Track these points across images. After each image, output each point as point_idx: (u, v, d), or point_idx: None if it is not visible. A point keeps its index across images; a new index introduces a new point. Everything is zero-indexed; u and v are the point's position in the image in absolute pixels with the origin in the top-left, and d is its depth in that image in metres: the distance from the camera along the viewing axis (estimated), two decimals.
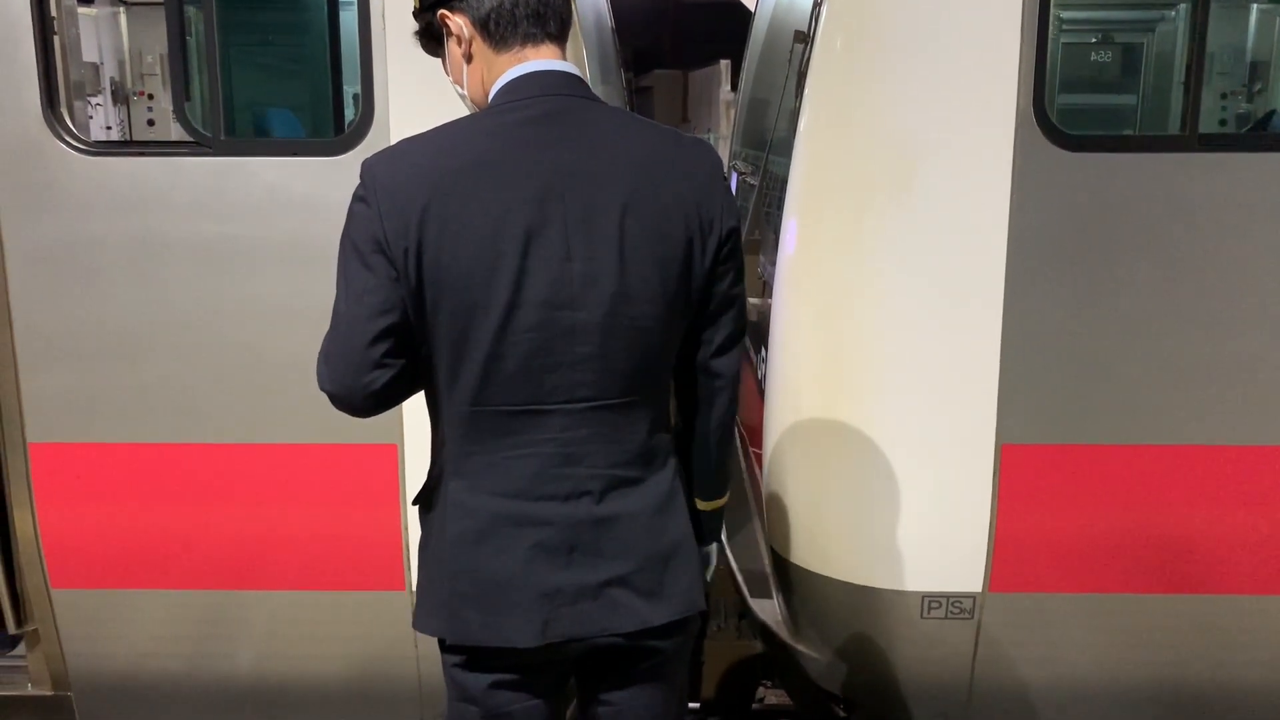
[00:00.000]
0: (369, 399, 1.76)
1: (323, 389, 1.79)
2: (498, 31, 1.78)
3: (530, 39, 1.79)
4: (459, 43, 1.82)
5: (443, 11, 1.81)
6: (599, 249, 1.72)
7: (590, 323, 1.73)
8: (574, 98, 1.78)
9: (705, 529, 2.06)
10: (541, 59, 1.79)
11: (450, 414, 1.83)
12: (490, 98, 1.81)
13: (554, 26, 1.80)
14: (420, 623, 1.89)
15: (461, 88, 1.88)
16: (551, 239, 1.71)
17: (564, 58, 1.82)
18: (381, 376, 1.74)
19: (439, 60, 1.94)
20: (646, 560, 1.84)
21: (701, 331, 1.88)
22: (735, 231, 1.83)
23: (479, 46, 1.81)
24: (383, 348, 1.73)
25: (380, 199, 1.71)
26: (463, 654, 1.89)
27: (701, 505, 2.04)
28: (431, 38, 1.90)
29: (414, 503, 1.97)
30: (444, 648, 1.92)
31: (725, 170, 1.87)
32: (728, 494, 2.11)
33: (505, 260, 1.70)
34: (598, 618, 1.83)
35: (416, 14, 1.89)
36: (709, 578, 2.12)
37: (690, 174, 1.80)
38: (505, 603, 1.81)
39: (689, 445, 1.99)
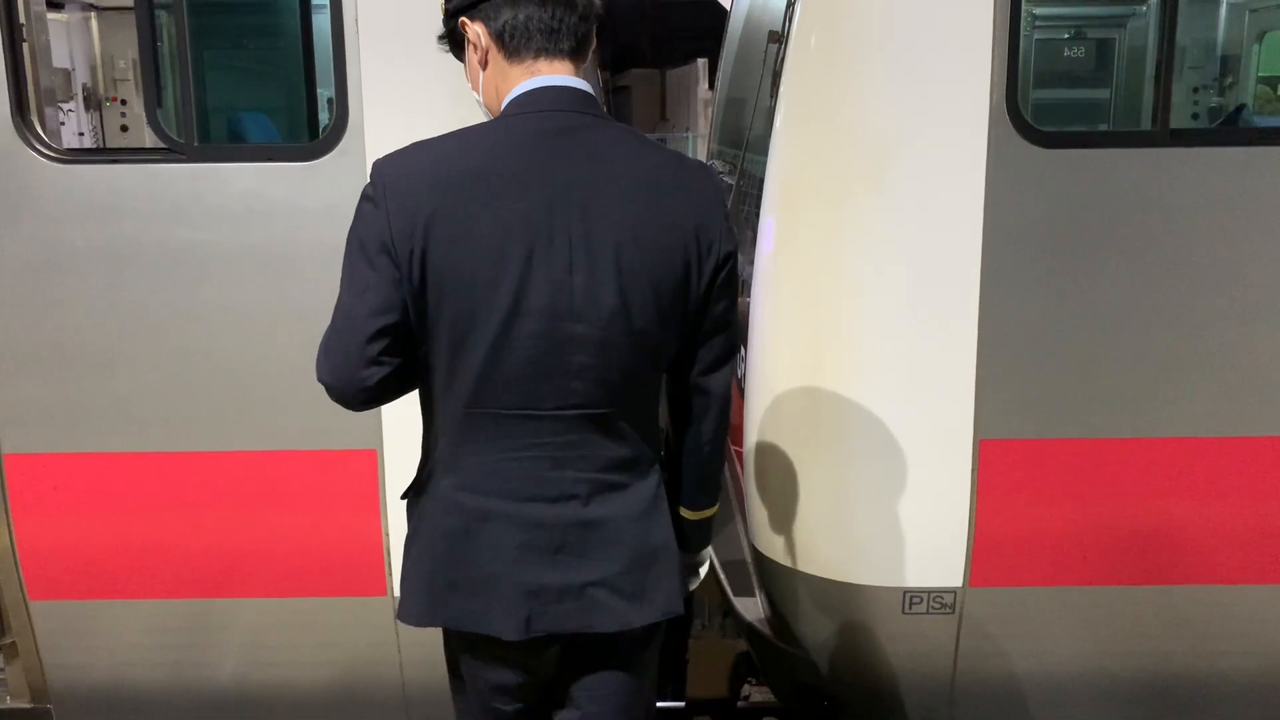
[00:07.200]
0: (362, 393, 1.80)
1: (320, 380, 1.82)
2: (512, 44, 1.82)
3: (543, 53, 1.82)
4: (475, 50, 1.86)
5: (462, 19, 1.85)
6: (600, 264, 1.75)
7: (588, 335, 1.77)
8: (585, 115, 1.81)
9: (692, 538, 2.10)
10: (554, 74, 1.82)
11: (445, 415, 1.87)
12: (503, 108, 1.84)
13: (568, 44, 1.83)
14: (404, 612, 1.92)
15: (478, 94, 1.93)
16: (555, 251, 1.74)
17: (579, 75, 1.84)
18: (377, 373, 1.78)
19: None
20: (630, 563, 1.89)
21: (694, 350, 1.92)
22: (732, 256, 1.87)
23: (494, 56, 1.84)
24: (380, 345, 1.76)
25: (389, 200, 1.74)
26: (457, 641, 1.97)
27: (688, 515, 2.07)
28: (455, 43, 1.94)
29: (402, 496, 1.99)
30: (444, 640, 2.01)
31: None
32: (716, 505, 2.14)
33: (509, 268, 1.73)
34: (580, 616, 1.88)
35: (444, 20, 1.93)
36: (693, 586, 2.16)
37: (692, 198, 1.83)
38: (492, 596, 1.86)
39: (679, 457, 2.03)
